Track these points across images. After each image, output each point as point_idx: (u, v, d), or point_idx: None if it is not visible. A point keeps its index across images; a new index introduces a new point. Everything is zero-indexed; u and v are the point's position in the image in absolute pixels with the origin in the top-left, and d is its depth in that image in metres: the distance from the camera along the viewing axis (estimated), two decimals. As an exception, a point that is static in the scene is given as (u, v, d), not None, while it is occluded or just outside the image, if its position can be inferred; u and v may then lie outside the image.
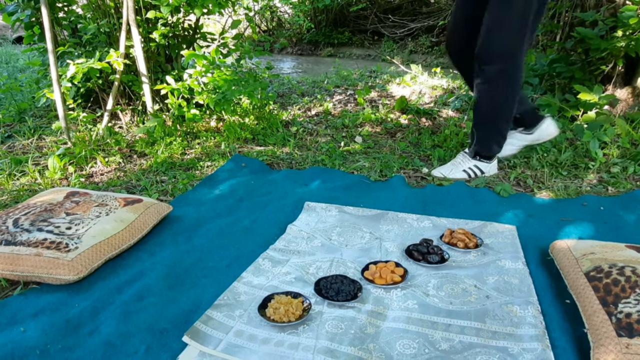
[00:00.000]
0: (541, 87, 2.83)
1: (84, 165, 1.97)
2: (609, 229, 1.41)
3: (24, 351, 0.89)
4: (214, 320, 0.97)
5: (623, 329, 0.86)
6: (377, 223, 1.44)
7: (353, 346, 0.89)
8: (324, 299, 1.03)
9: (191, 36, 2.75)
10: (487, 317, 0.98)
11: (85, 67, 2.22)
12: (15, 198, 1.64)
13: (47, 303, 1.04)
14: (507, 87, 1.62)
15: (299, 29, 6.66)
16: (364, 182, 1.80)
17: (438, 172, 1.85)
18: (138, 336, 0.94)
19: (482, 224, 1.42)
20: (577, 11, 2.72)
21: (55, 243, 1.16)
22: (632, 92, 2.60)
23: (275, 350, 0.89)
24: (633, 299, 0.91)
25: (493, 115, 1.71)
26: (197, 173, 1.93)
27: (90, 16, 2.52)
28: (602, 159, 1.95)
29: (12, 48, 6.12)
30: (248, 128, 2.47)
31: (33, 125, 2.51)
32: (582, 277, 1.03)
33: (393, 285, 1.09)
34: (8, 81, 3.15)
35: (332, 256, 1.24)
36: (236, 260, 1.22)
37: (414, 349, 0.90)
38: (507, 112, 1.67)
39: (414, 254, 1.23)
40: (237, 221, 1.46)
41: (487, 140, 1.75)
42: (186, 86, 2.42)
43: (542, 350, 0.88)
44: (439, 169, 1.86)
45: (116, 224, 1.28)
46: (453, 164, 1.85)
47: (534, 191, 1.75)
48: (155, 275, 1.15)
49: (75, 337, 0.94)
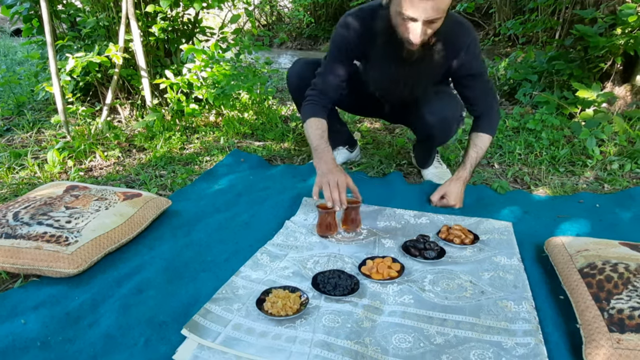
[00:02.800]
0: (540, 84, 2.84)
1: (83, 159, 1.98)
2: (604, 226, 1.42)
3: (25, 343, 0.90)
4: (212, 314, 0.98)
5: (615, 324, 0.88)
6: (375, 219, 1.45)
7: (349, 340, 0.90)
8: (321, 294, 1.05)
9: (190, 30, 2.74)
10: (481, 312, 1.00)
11: (85, 61, 2.22)
12: (15, 191, 1.65)
13: (48, 296, 1.05)
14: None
15: (298, 23, 6.64)
16: (362, 178, 1.81)
17: (433, 175, 1.83)
18: (137, 329, 0.95)
19: (479, 220, 1.43)
20: (576, 8, 2.72)
21: (55, 236, 1.17)
22: (630, 90, 2.61)
23: (272, 344, 0.90)
24: (625, 295, 0.93)
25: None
26: (196, 168, 1.94)
27: (89, 9, 2.52)
28: (599, 156, 1.96)
29: (10, 40, 6.09)
30: (247, 123, 2.48)
31: (32, 119, 2.50)
32: (575, 274, 1.04)
33: (390, 280, 1.10)
34: (7, 74, 3.14)
35: (330, 251, 1.25)
36: (235, 255, 1.24)
37: (410, 342, 0.91)
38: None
39: (410, 249, 1.24)
40: (235, 216, 1.47)
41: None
42: (185, 81, 2.42)
43: (535, 345, 0.89)
44: (432, 175, 1.83)
45: (115, 218, 1.29)
46: (441, 168, 1.86)
47: (531, 188, 1.76)
48: (154, 269, 1.16)
49: (75, 329, 0.95)
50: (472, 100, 1.53)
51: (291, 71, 1.73)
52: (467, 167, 1.54)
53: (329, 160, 1.40)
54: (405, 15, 1.18)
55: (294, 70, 1.72)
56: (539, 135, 2.23)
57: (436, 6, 1.15)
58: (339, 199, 1.31)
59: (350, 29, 1.44)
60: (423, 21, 1.18)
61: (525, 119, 2.41)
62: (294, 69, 1.73)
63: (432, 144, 1.72)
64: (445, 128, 1.59)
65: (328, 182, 1.33)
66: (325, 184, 1.33)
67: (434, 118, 1.54)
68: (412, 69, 1.37)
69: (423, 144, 1.78)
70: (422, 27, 1.19)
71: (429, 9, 1.15)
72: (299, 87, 1.64)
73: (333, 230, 1.34)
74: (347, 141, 1.97)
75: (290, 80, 1.73)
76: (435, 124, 1.55)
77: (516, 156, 2.04)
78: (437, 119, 1.54)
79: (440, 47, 1.33)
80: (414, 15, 1.17)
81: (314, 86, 1.54)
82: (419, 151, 1.87)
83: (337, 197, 1.31)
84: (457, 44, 1.40)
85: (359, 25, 1.43)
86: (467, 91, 1.52)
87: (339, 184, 1.33)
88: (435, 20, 1.20)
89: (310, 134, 1.48)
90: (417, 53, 1.30)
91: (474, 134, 1.54)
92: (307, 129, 1.50)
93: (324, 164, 1.39)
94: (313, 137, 1.46)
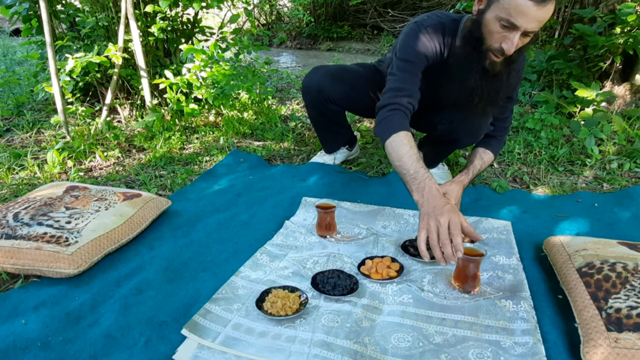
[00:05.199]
0: (539, 84, 2.84)
1: (83, 159, 1.98)
2: (602, 225, 1.43)
3: (26, 343, 0.91)
4: (212, 314, 0.98)
5: (612, 323, 0.88)
6: (374, 219, 1.45)
7: (349, 339, 0.91)
8: (321, 293, 1.05)
9: (190, 30, 2.75)
10: (480, 311, 1.00)
11: (84, 61, 2.22)
12: (15, 192, 1.65)
13: (48, 296, 1.05)
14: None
15: (298, 22, 6.63)
16: (362, 177, 1.82)
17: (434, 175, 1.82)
18: (138, 329, 0.95)
19: (478, 219, 1.43)
20: (575, 7, 2.72)
21: (55, 237, 1.17)
22: (629, 89, 2.61)
23: (272, 343, 0.90)
24: (623, 295, 0.93)
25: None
26: (195, 168, 1.94)
27: (88, 9, 2.52)
28: (598, 155, 1.97)
29: (9, 40, 6.09)
30: (246, 123, 2.48)
31: (32, 119, 2.51)
32: (574, 273, 1.05)
33: (389, 280, 1.11)
34: (6, 74, 3.14)
35: (329, 251, 1.25)
36: (234, 255, 1.24)
37: (409, 342, 0.91)
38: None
39: (409, 249, 1.24)
40: (235, 216, 1.47)
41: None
42: (185, 80, 2.42)
43: (533, 344, 0.90)
44: (434, 175, 1.82)
45: (115, 219, 1.29)
46: (443, 169, 1.86)
47: (530, 187, 1.76)
48: (154, 269, 1.17)
49: (75, 329, 0.95)
50: (494, 120, 1.50)
51: (310, 80, 1.64)
52: (470, 174, 1.49)
53: (434, 193, 1.12)
54: (509, 22, 1.12)
55: (312, 81, 1.63)
56: (538, 135, 2.23)
57: (543, 18, 1.10)
58: (451, 254, 1.04)
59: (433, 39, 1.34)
60: (523, 31, 1.13)
61: (524, 118, 2.42)
62: (313, 78, 1.63)
63: (455, 147, 1.68)
64: (476, 134, 1.53)
65: (436, 230, 1.06)
66: (433, 230, 1.07)
67: (468, 124, 1.48)
68: (490, 83, 1.29)
69: (442, 146, 1.71)
70: (519, 38, 1.14)
71: (535, 20, 1.10)
72: (317, 99, 1.61)
73: (333, 230, 1.34)
74: (349, 141, 1.97)
75: (307, 90, 1.65)
76: (467, 129, 1.50)
77: (515, 155, 2.04)
78: (470, 125, 1.48)
79: (518, 66, 1.30)
80: (519, 23, 1.11)
81: (397, 91, 1.30)
82: (432, 152, 1.80)
83: (449, 252, 1.04)
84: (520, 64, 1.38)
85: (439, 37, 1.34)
86: (497, 111, 1.47)
87: (451, 228, 1.05)
88: (532, 33, 1.15)
89: (402, 155, 1.20)
90: (499, 66, 1.24)
91: (482, 149, 1.50)
92: (397, 147, 1.22)
93: (430, 199, 1.12)
94: (408, 160, 1.19)
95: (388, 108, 1.29)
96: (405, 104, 1.29)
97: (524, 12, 1.09)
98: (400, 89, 1.30)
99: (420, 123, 1.76)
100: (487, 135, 1.54)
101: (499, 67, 1.24)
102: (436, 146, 1.76)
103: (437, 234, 1.06)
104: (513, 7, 1.09)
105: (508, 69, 1.26)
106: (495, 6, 1.13)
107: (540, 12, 1.09)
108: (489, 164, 1.54)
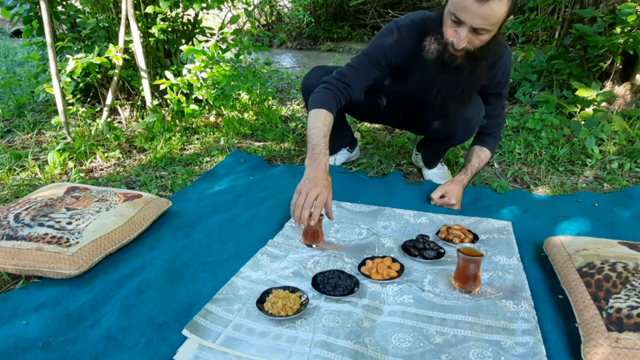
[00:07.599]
0: (539, 84, 2.84)
1: (84, 160, 1.98)
2: (602, 225, 1.43)
3: (27, 344, 0.91)
4: (213, 314, 0.98)
5: (613, 323, 0.88)
6: (375, 219, 1.45)
7: (349, 340, 0.91)
8: (321, 294, 1.05)
9: (190, 31, 2.75)
10: (481, 311, 1.00)
11: (85, 62, 2.22)
12: (16, 193, 1.66)
13: (49, 297, 1.06)
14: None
15: (298, 23, 6.64)
16: (362, 178, 1.82)
17: (434, 175, 1.83)
18: (138, 329, 0.95)
19: (478, 219, 1.43)
20: (576, 7, 2.72)
21: (56, 238, 1.17)
22: (629, 89, 2.61)
23: (273, 344, 0.91)
24: (624, 295, 0.93)
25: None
26: (196, 168, 1.95)
27: (89, 10, 2.52)
28: (599, 155, 1.97)
29: (10, 42, 6.09)
30: (247, 123, 2.48)
31: (32, 120, 2.51)
32: (574, 273, 1.05)
33: (389, 280, 1.11)
34: (7, 75, 3.14)
35: (329, 252, 1.25)
36: (235, 255, 1.24)
37: (409, 342, 0.91)
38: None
39: (410, 249, 1.24)
40: (235, 216, 1.47)
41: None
42: (185, 81, 2.42)
43: (534, 344, 0.90)
44: (433, 175, 1.84)
45: (116, 219, 1.29)
46: (443, 169, 1.87)
47: (530, 187, 1.76)
48: (155, 269, 1.17)
49: (76, 330, 0.96)
50: (487, 117, 1.55)
51: (310, 80, 1.66)
52: (469, 173, 1.56)
53: (320, 167, 1.26)
54: (456, 17, 1.18)
55: (312, 79, 1.65)
56: (538, 135, 2.23)
57: (487, 15, 1.14)
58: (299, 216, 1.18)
59: (403, 37, 1.40)
60: (470, 27, 1.18)
61: (524, 118, 2.42)
62: (313, 78, 1.64)
63: (450, 144, 1.70)
64: (468, 129, 1.56)
65: (306, 195, 1.19)
66: (302, 196, 1.20)
67: (459, 118, 1.52)
68: (450, 76, 1.35)
69: (438, 144, 1.74)
70: (467, 33, 1.19)
71: (478, 17, 1.15)
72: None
73: (320, 239, 1.29)
74: (349, 142, 1.97)
75: (307, 90, 1.65)
76: (459, 124, 1.54)
77: (516, 155, 2.04)
78: (461, 119, 1.52)
79: (486, 63, 1.33)
80: (463, 18, 1.17)
81: (340, 76, 1.42)
82: (429, 151, 1.83)
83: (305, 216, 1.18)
84: (498, 63, 1.42)
85: (411, 35, 1.39)
86: (488, 108, 1.53)
87: (318, 199, 1.20)
88: (482, 31, 1.19)
89: (313, 127, 1.32)
90: (459, 60, 1.29)
91: (479, 147, 1.57)
92: (312, 119, 1.34)
93: (314, 170, 1.26)
94: (316, 132, 1.31)
95: (325, 86, 1.42)
96: (341, 89, 1.42)
97: (466, 8, 1.16)
98: (345, 76, 1.43)
99: (416, 124, 1.79)
100: (482, 132, 1.59)
101: (460, 61, 1.30)
102: (432, 145, 1.79)
103: (305, 198, 1.19)
104: (458, 2, 1.17)
105: (472, 64, 1.31)
106: (450, 1, 1.21)
107: (483, 9, 1.13)
108: (487, 160, 1.59)
